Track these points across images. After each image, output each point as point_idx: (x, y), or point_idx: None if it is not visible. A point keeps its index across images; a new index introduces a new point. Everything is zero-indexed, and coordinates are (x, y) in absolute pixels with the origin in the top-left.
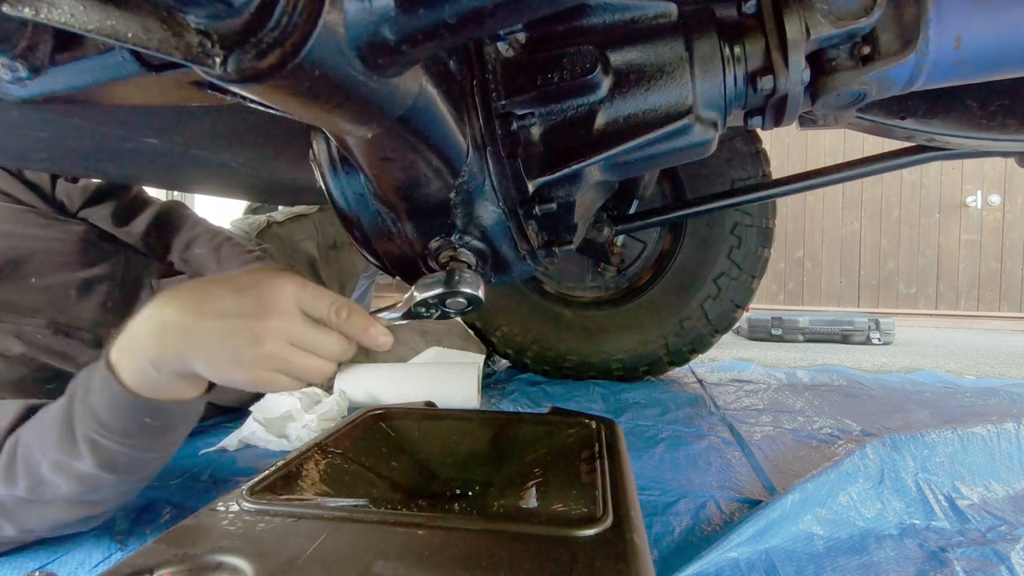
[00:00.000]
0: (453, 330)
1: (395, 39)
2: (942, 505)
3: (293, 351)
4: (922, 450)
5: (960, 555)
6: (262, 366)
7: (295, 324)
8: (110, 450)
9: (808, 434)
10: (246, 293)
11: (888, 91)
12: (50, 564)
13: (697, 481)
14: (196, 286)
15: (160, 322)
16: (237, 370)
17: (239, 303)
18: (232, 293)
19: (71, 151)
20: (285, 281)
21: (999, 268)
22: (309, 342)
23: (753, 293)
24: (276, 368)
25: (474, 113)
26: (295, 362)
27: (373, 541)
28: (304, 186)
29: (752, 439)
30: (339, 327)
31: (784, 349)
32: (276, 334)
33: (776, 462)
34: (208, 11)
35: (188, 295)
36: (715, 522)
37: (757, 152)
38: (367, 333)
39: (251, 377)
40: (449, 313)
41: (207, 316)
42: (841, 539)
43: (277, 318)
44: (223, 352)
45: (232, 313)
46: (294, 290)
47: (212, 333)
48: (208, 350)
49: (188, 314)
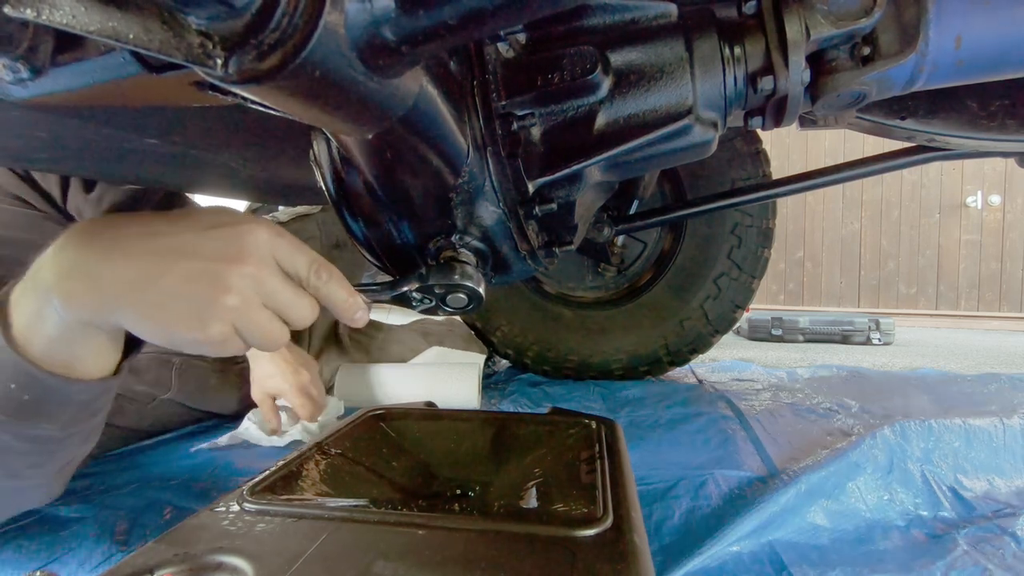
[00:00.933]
0: (454, 331)
1: (395, 40)
2: (947, 496)
3: (260, 309)
4: (930, 439)
5: (965, 534)
6: (224, 321)
7: (270, 276)
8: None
9: (807, 408)
10: (211, 232)
11: (888, 91)
12: (50, 564)
13: (696, 460)
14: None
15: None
16: (189, 325)
17: (200, 242)
18: (193, 230)
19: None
20: (260, 225)
21: (999, 268)
22: (280, 301)
23: (753, 293)
24: (238, 326)
25: (474, 113)
26: (259, 324)
27: (373, 541)
28: (305, 186)
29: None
30: (316, 290)
31: (784, 349)
32: (246, 283)
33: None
34: (209, 12)
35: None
36: (715, 502)
37: (757, 152)
38: (346, 304)
39: (206, 335)
40: (447, 309)
41: (154, 254)
42: (847, 530)
43: (252, 264)
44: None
45: (191, 252)
46: (270, 236)
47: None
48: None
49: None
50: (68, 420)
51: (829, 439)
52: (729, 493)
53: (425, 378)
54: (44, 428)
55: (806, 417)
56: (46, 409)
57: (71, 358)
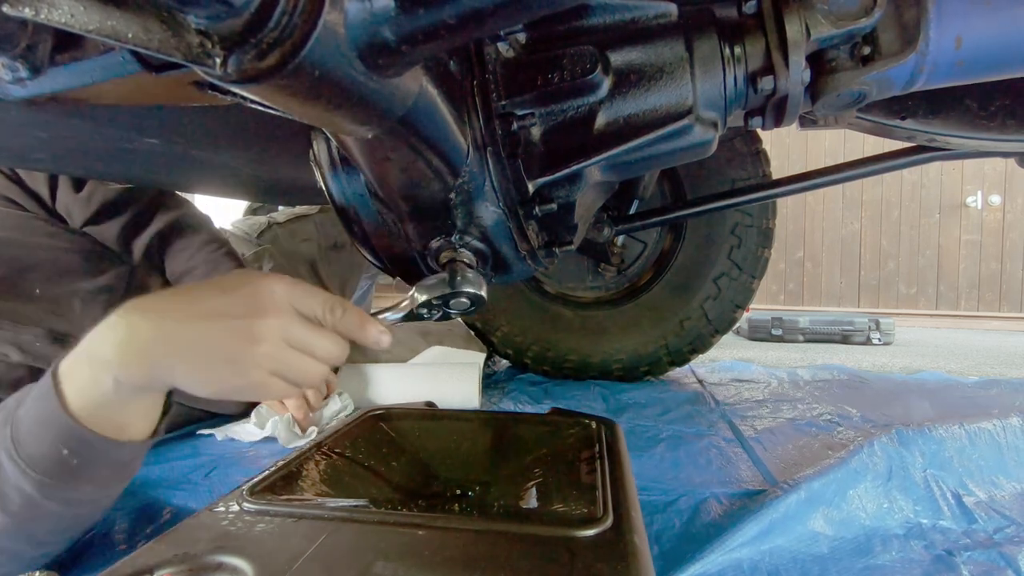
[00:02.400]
0: (454, 330)
1: (395, 39)
2: (949, 503)
3: (290, 352)
4: (931, 445)
5: (967, 559)
6: (260, 368)
7: (292, 323)
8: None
9: (807, 422)
10: (235, 292)
11: (888, 91)
12: (50, 564)
13: (698, 478)
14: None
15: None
16: (232, 374)
17: (229, 302)
18: (219, 293)
19: (71, 151)
20: (275, 280)
21: (999, 268)
22: (306, 343)
23: (753, 293)
24: (273, 371)
25: (474, 113)
26: (293, 364)
27: (373, 541)
28: (304, 186)
29: (751, 432)
30: (334, 326)
31: (784, 349)
32: (273, 332)
33: (776, 453)
34: (208, 11)
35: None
36: (716, 518)
37: (757, 152)
38: (364, 331)
39: (248, 381)
40: (451, 314)
41: (193, 318)
42: (846, 539)
43: (274, 315)
44: (216, 355)
45: (222, 313)
46: (286, 288)
47: (202, 336)
48: (197, 355)
49: (169, 318)
50: (106, 481)
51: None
52: (730, 509)
53: (425, 378)
54: (85, 490)
55: (807, 431)
56: (90, 472)
57: (122, 422)
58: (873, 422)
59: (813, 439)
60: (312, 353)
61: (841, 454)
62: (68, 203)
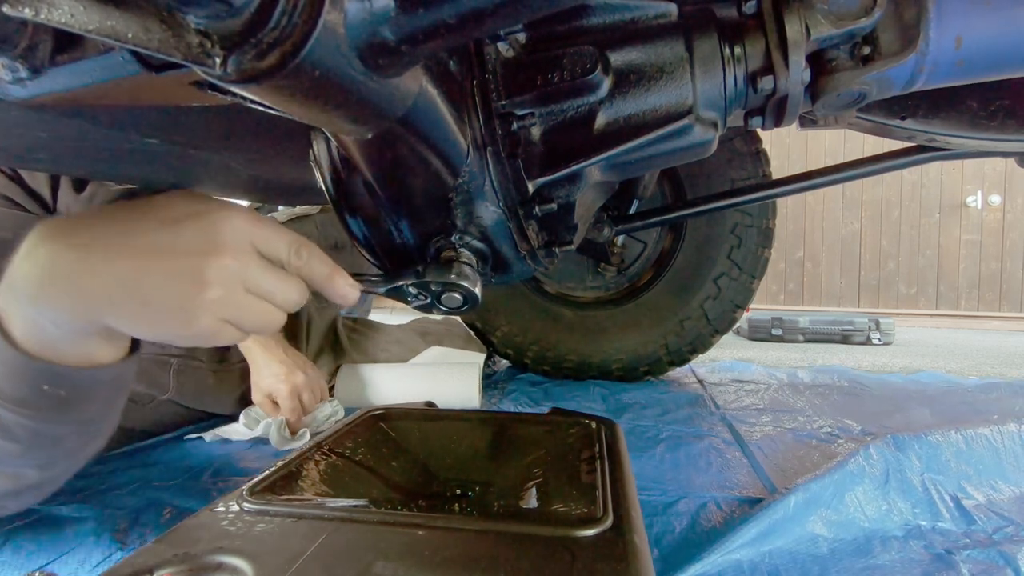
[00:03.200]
0: (454, 331)
1: (395, 39)
2: (948, 505)
3: (247, 297)
4: (927, 449)
5: (966, 557)
6: (210, 314)
7: (251, 264)
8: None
9: (808, 433)
10: (184, 224)
11: (888, 91)
12: (50, 564)
13: (697, 481)
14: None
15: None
16: (177, 321)
17: (176, 236)
18: (163, 224)
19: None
20: (235, 211)
21: (999, 268)
22: (265, 286)
23: (753, 293)
24: (226, 317)
25: (474, 113)
26: (248, 308)
27: (373, 541)
28: (304, 186)
29: (752, 439)
30: (299, 270)
31: (784, 349)
32: (227, 274)
33: (776, 461)
34: (208, 11)
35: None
36: (716, 522)
37: (757, 152)
38: (331, 281)
39: (195, 330)
40: (442, 308)
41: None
42: (846, 540)
43: (231, 255)
44: (160, 299)
45: (168, 249)
46: (247, 224)
47: (141, 275)
48: (135, 298)
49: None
50: (105, 399)
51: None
52: (730, 513)
53: (425, 378)
54: (88, 410)
55: (807, 443)
56: (81, 396)
57: (85, 351)
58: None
59: (813, 449)
60: (271, 299)
61: (838, 458)
62: (69, 204)
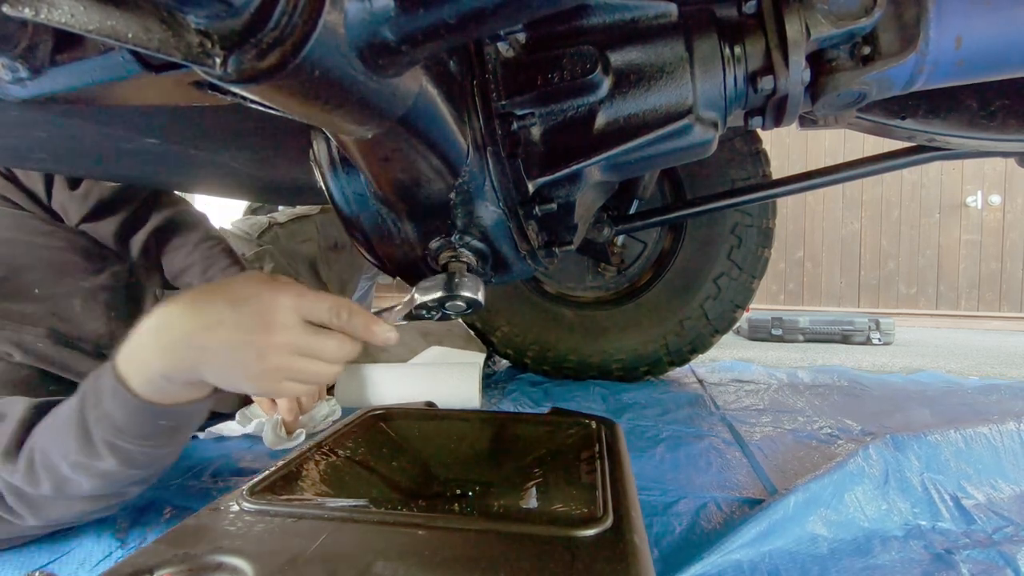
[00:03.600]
0: (454, 330)
1: (395, 39)
2: (948, 505)
3: (299, 360)
4: (927, 449)
5: (966, 557)
6: (270, 378)
7: (298, 336)
8: (129, 451)
9: (808, 434)
10: (244, 306)
11: (888, 91)
12: (50, 564)
13: (697, 481)
14: (197, 295)
15: (166, 334)
16: (246, 382)
17: (239, 317)
18: (230, 305)
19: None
20: (282, 292)
21: (999, 268)
22: (314, 349)
23: (753, 293)
24: (285, 377)
25: (474, 113)
26: (303, 369)
27: (373, 541)
28: (304, 186)
29: (752, 439)
30: (342, 328)
31: (784, 349)
32: (280, 348)
33: (776, 462)
34: (208, 11)
35: (189, 304)
36: (715, 522)
37: (757, 152)
38: (370, 331)
39: (261, 388)
40: (449, 315)
41: (211, 328)
42: (845, 540)
43: (280, 332)
44: (231, 365)
45: (233, 326)
46: (292, 301)
47: (218, 346)
48: (216, 362)
49: (192, 325)
50: (198, 422)
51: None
52: (730, 514)
53: (425, 378)
54: (187, 432)
55: (807, 443)
56: (185, 423)
57: (187, 394)
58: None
59: (813, 450)
60: (321, 357)
61: (838, 459)
62: (64, 201)
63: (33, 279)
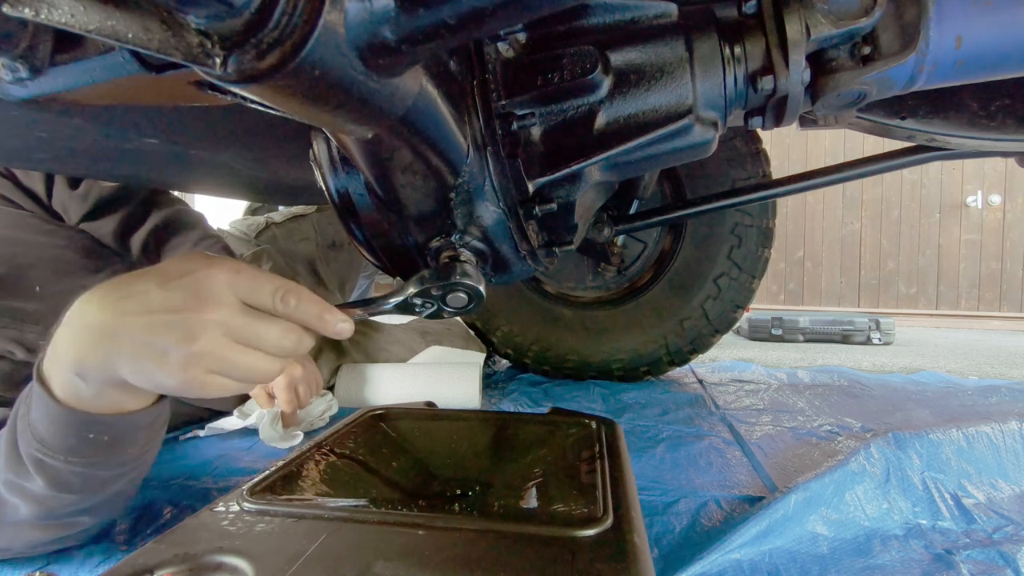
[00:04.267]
0: (454, 330)
1: (395, 39)
2: (948, 504)
3: (232, 347)
4: (928, 448)
5: (966, 557)
6: (195, 367)
7: (233, 315)
8: (57, 469)
9: (808, 432)
10: (174, 283)
11: (888, 91)
12: (50, 564)
13: (697, 481)
14: (121, 280)
15: (79, 324)
16: (164, 372)
17: (166, 295)
18: (159, 285)
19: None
20: (218, 267)
21: (999, 268)
22: (251, 335)
23: (753, 293)
24: (212, 368)
25: (474, 113)
26: (235, 361)
27: (373, 541)
28: (304, 186)
29: (752, 438)
30: (288, 316)
31: (784, 349)
32: (210, 327)
33: (776, 460)
34: (208, 11)
35: (110, 291)
36: (716, 521)
37: (757, 152)
38: (322, 320)
39: (182, 380)
40: (448, 310)
41: (129, 313)
42: (846, 539)
43: (211, 309)
44: (147, 352)
45: (158, 307)
46: (228, 276)
47: (134, 331)
48: (130, 351)
49: (108, 312)
50: (143, 441)
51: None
52: (731, 513)
53: (425, 378)
54: (129, 453)
55: (807, 441)
56: (123, 439)
57: (115, 402)
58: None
59: (813, 448)
60: (260, 347)
61: (838, 457)
62: (64, 200)
63: (34, 278)
